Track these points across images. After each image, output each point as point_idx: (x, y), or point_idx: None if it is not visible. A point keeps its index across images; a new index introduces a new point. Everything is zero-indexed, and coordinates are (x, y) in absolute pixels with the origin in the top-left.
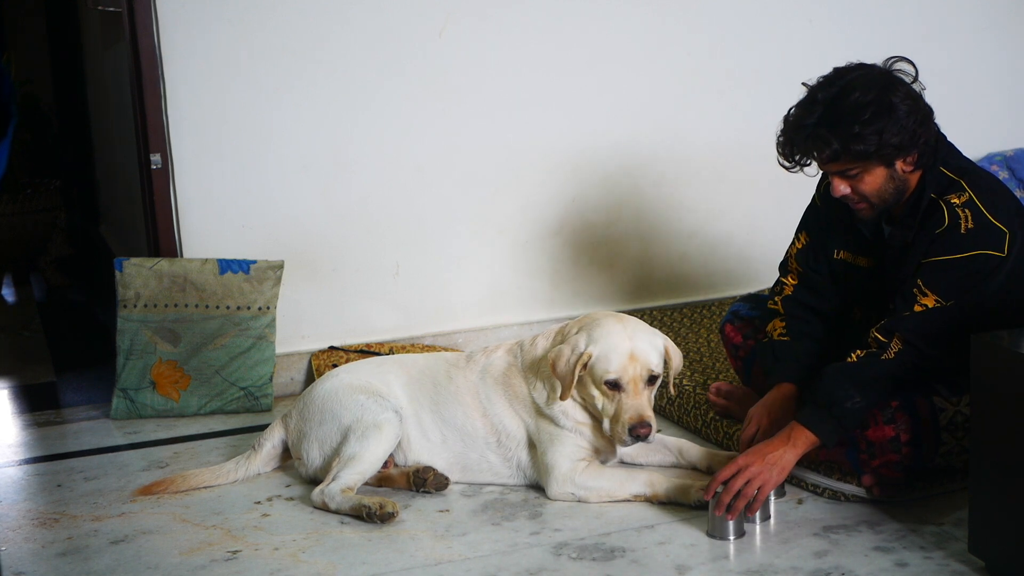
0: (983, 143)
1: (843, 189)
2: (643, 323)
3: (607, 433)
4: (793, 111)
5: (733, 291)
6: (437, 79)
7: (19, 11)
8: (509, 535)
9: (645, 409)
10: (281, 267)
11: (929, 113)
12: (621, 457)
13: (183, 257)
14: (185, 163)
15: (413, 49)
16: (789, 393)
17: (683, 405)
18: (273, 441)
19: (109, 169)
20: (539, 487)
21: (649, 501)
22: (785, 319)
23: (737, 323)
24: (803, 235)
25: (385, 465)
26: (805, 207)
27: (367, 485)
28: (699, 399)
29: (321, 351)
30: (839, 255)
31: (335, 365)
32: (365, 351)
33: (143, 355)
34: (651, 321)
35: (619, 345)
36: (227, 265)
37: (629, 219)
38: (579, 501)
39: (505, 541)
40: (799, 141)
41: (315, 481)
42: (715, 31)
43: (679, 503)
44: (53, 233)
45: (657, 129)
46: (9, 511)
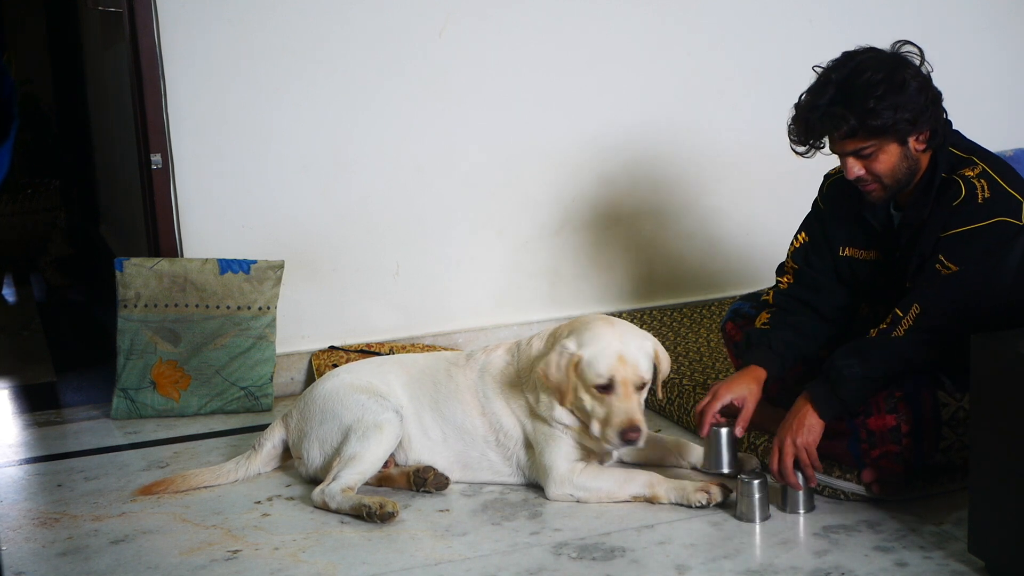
0: (983, 143)
1: (857, 171)
2: (633, 326)
3: (596, 436)
4: (805, 95)
5: (733, 291)
6: (437, 79)
7: (19, 11)
8: (509, 535)
9: (635, 413)
10: (281, 267)
11: (937, 93)
12: (620, 457)
13: (183, 257)
14: (185, 163)
15: (413, 49)
16: (757, 375)
17: (683, 405)
18: (273, 441)
19: (109, 169)
20: (539, 486)
21: (649, 502)
22: (772, 310)
23: (739, 321)
24: (802, 235)
25: (386, 465)
26: (805, 207)
27: (367, 485)
28: (699, 399)
29: (321, 351)
30: (845, 252)
31: (335, 365)
32: (365, 351)
33: (143, 355)
34: (651, 321)
35: (608, 348)
36: (227, 265)
37: (629, 219)
38: (578, 502)
39: (505, 541)
40: (814, 121)
41: (315, 481)
42: (715, 31)
43: (679, 504)
44: (53, 233)
45: (657, 129)
46: (9, 511)
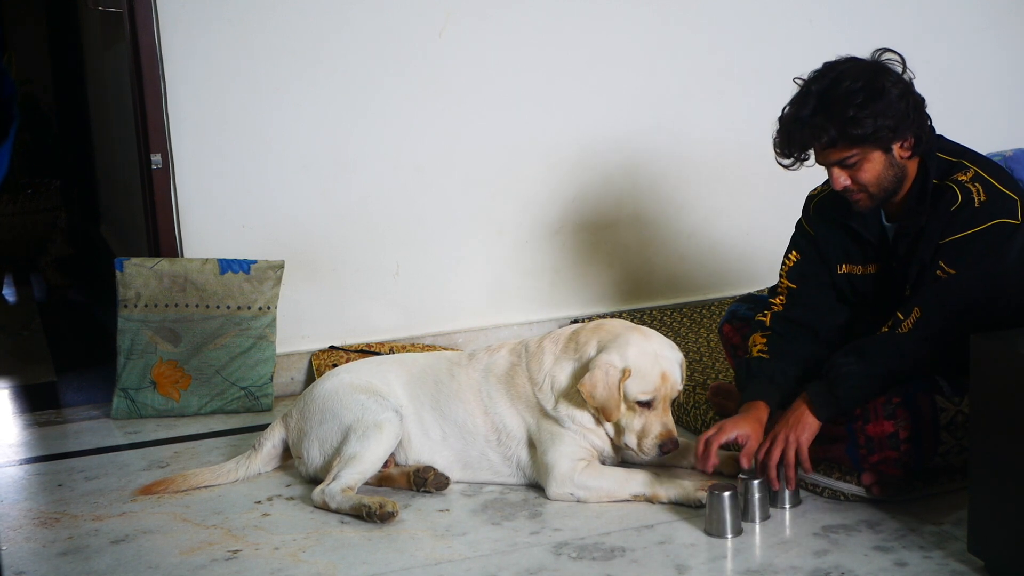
0: (983, 143)
1: (843, 181)
2: (663, 336)
3: (629, 446)
4: (788, 107)
5: (733, 291)
6: (437, 79)
7: (19, 11)
8: (509, 535)
9: (671, 425)
10: (281, 267)
11: (920, 99)
12: (624, 456)
13: (183, 257)
14: (185, 163)
15: (413, 49)
16: (759, 415)
17: (683, 405)
18: (273, 440)
19: (109, 169)
20: (538, 487)
21: (649, 501)
22: (768, 335)
23: (736, 323)
24: (793, 253)
25: (386, 464)
26: (798, 218)
27: (367, 485)
28: (699, 399)
29: (321, 351)
30: (843, 269)
31: (335, 365)
32: (365, 351)
33: (144, 355)
34: (651, 321)
35: (653, 365)
36: (227, 265)
37: (629, 219)
38: (578, 501)
39: (505, 541)
40: (796, 133)
41: (315, 480)
42: (715, 31)
43: (679, 503)
44: (53, 233)
45: (657, 128)
46: (10, 511)
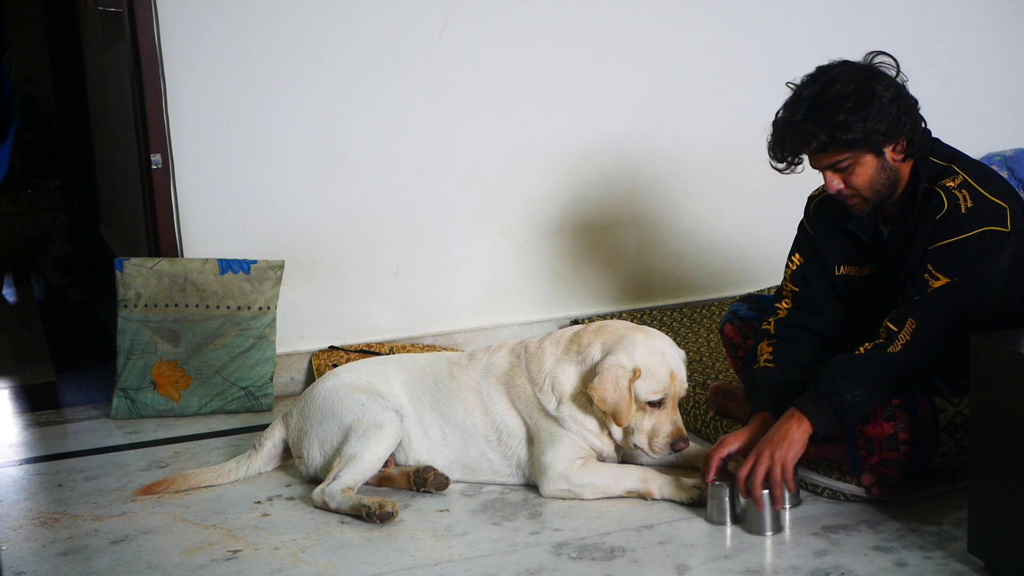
0: (983, 143)
1: (836, 184)
2: (665, 335)
3: (639, 446)
4: (780, 111)
5: (733, 291)
6: (437, 79)
7: (19, 11)
8: (509, 535)
9: (681, 423)
10: (281, 267)
11: (913, 102)
12: (624, 456)
13: (183, 257)
14: (185, 163)
15: (413, 49)
16: (765, 426)
17: (682, 405)
18: (274, 440)
19: (109, 169)
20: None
21: (643, 497)
22: (774, 343)
23: (737, 323)
24: (796, 256)
25: (386, 465)
26: (798, 218)
27: (368, 485)
28: (699, 399)
29: (321, 351)
30: (841, 271)
31: (335, 365)
32: (365, 351)
33: (143, 355)
34: (651, 321)
35: (661, 365)
36: (227, 265)
37: (629, 219)
38: (573, 498)
39: (505, 541)
40: (788, 138)
41: (316, 480)
42: (715, 31)
43: (672, 500)
44: (53, 233)
45: (657, 129)
46: (10, 511)
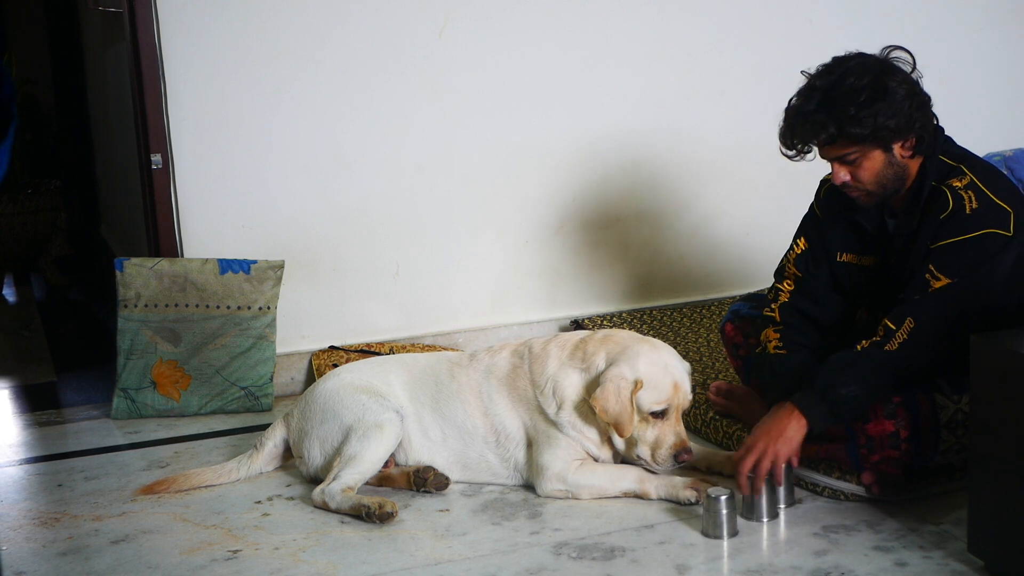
0: (983, 143)
1: (843, 176)
2: (670, 347)
3: (642, 457)
4: (793, 99)
5: (733, 291)
6: (437, 79)
7: (19, 11)
8: (509, 535)
9: (685, 435)
10: (281, 267)
11: (926, 99)
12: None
13: (183, 257)
14: (185, 163)
15: (413, 49)
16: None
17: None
18: (275, 440)
19: (109, 169)
20: None
21: (639, 497)
22: (781, 329)
23: (737, 322)
24: (802, 240)
25: (386, 465)
26: (804, 207)
27: (368, 485)
28: (699, 399)
29: (321, 351)
30: (842, 258)
31: (335, 365)
32: (365, 351)
33: (144, 355)
34: (651, 321)
35: (664, 376)
36: (227, 265)
37: (629, 219)
38: (569, 498)
39: (505, 541)
40: (798, 127)
41: (316, 480)
42: (715, 30)
43: (669, 500)
44: (53, 233)
45: (657, 128)
46: (10, 511)
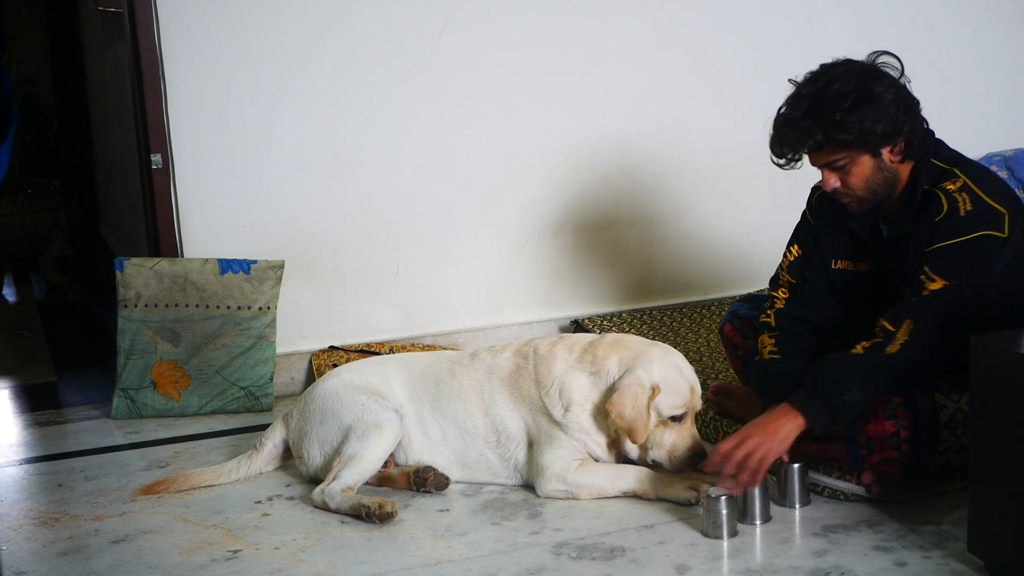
0: (983, 143)
1: (833, 183)
2: (678, 352)
3: (657, 461)
4: (782, 108)
5: (733, 291)
6: (437, 79)
7: (19, 11)
8: (509, 535)
9: (699, 438)
10: (281, 267)
11: (914, 103)
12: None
13: (183, 257)
14: (185, 163)
15: (413, 49)
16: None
17: None
18: (274, 440)
19: (109, 169)
20: None
21: (639, 497)
22: (775, 334)
23: (736, 323)
24: (795, 247)
25: (386, 465)
26: (803, 208)
27: (368, 485)
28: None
29: (321, 351)
30: (838, 265)
31: (335, 365)
32: (365, 351)
33: (144, 355)
34: (651, 321)
35: (680, 379)
36: (227, 265)
37: (629, 219)
38: (569, 498)
39: (505, 541)
40: (786, 135)
41: (316, 480)
42: (715, 30)
43: (669, 500)
44: (53, 233)
45: (657, 128)
46: (10, 511)
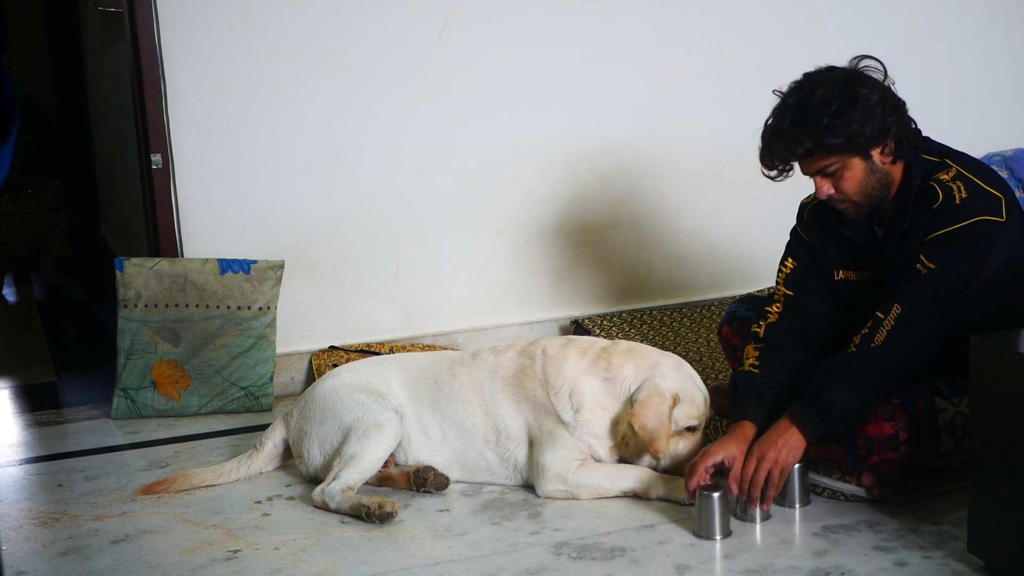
0: (983, 143)
1: (827, 189)
2: (686, 362)
3: (665, 469)
4: (769, 120)
5: (733, 291)
6: (437, 79)
7: (19, 11)
8: (509, 535)
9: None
10: (281, 267)
11: (900, 104)
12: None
13: (183, 257)
14: (185, 163)
15: (413, 49)
16: (746, 434)
17: None
18: (275, 440)
19: (109, 169)
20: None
21: (639, 497)
22: (761, 347)
23: (734, 324)
24: (790, 260)
25: (386, 465)
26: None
27: (368, 485)
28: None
29: (321, 351)
30: (840, 275)
31: (335, 365)
32: (365, 351)
33: (144, 355)
34: (651, 321)
35: (696, 390)
36: (227, 265)
37: (629, 219)
38: (569, 498)
39: (505, 541)
40: (775, 146)
41: (316, 480)
42: (715, 30)
43: (668, 500)
44: (53, 233)
45: (657, 128)
46: (10, 511)
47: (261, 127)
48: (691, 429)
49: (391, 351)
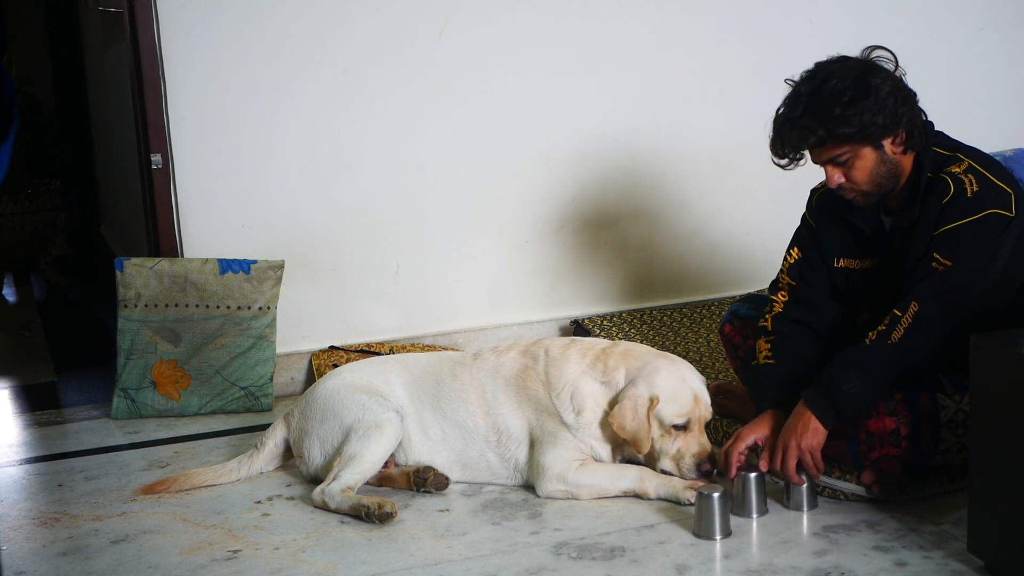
0: (983, 143)
1: (837, 178)
2: (687, 362)
3: (667, 470)
4: (780, 109)
5: (733, 291)
6: (437, 79)
7: (19, 11)
8: (509, 535)
9: (708, 445)
10: (281, 267)
11: (911, 94)
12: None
13: (183, 257)
14: (185, 163)
15: (413, 49)
16: (777, 420)
17: None
18: (275, 440)
19: (109, 169)
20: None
21: (639, 497)
22: (772, 339)
23: (736, 323)
24: (795, 250)
25: (386, 465)
26: (804, 207)
27: (368, 485)
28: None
29: (321, 351)
30: (840, 263)
31: (335, 365)
32: (365, 351)
33: (144, 355)
34: (651, 321)
35: (683, 389)
36: (227, 265)
37: (629, 219)
38: (569, 498)
39: (505, 541)
40: (787, 134)
41: (316, 480)
42: (715, 30)
43: (669, 500)
44: (53, 233)
45: (657, 128)
46: (10, 511)
47: (261, 127)
48: (679, 428)
49: (391, 351)
